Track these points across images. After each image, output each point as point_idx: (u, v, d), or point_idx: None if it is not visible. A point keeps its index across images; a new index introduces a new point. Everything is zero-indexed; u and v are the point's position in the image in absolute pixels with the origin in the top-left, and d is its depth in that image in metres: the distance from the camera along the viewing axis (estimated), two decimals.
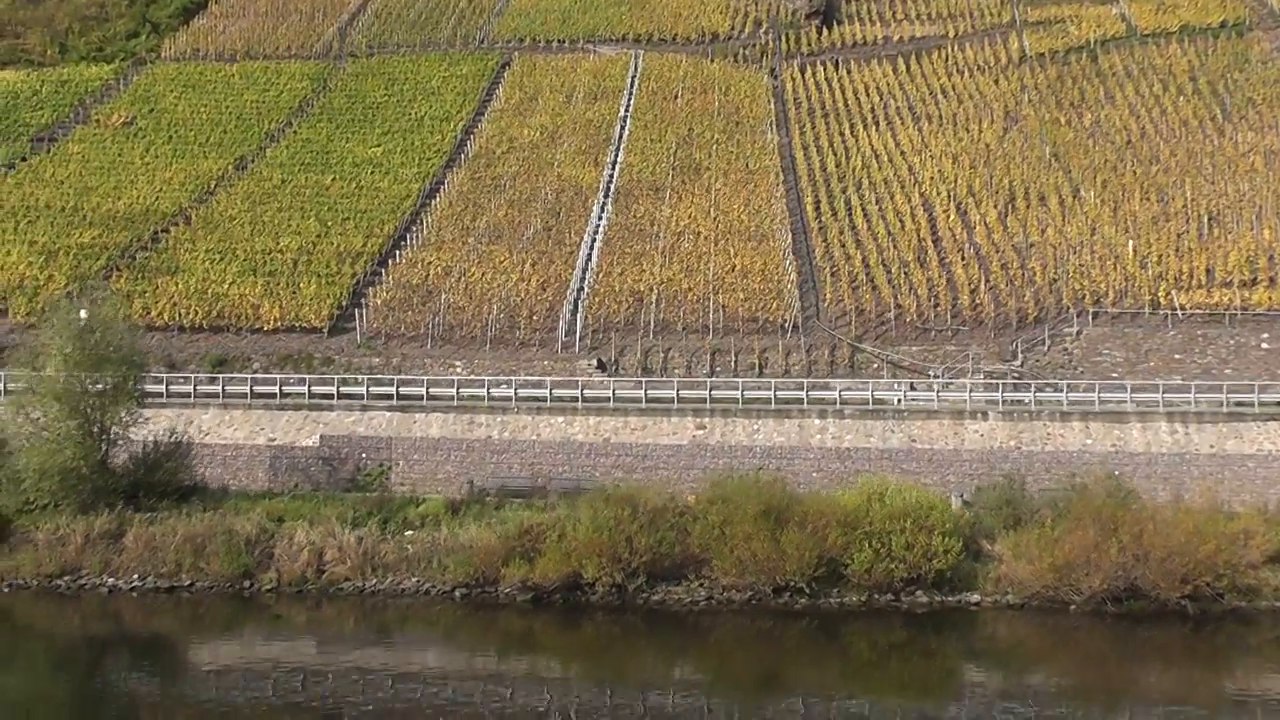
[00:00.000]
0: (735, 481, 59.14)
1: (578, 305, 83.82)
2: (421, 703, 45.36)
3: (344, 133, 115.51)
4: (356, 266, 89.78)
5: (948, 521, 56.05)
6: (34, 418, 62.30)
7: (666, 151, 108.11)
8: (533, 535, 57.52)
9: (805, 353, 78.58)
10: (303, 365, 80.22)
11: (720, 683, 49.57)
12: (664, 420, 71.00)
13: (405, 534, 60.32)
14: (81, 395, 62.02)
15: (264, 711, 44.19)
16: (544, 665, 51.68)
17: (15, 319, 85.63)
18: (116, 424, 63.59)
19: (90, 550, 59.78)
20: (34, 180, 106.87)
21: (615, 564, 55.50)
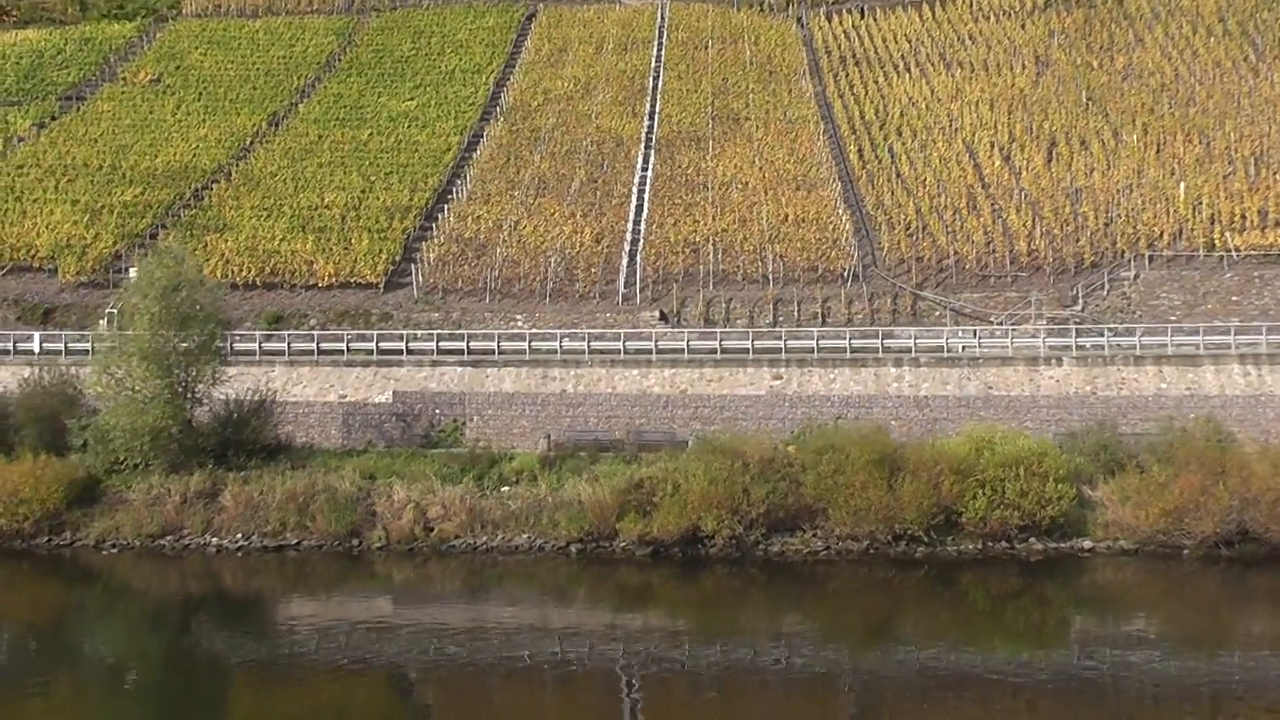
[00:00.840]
0: (841, 430, 59.29)
1: (635, 257, 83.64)
2: (538, 658, 45.11)
3: (375, 87, 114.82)
4: (406, 221, 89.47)
5: (1060, 467, 56.25)
6: (119, 377, 61.97)
7: (704, 102, 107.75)
8: (644, 489, 57.47)
9: (868, 301, 78.56)
10: (360, 321, 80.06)
11: (835, 633, 49.44)
12: (740, 371, 71.13)
13: (501, 490, 60.28)
14: (169, 354, 61.68)
15: (379, 669, 43.96)
16: (661, 619, 51.54)
17: (65, 278, 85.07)
18: (202, 382, 63.25)
19: (188, 510, 59.65)
20: (67, 139, 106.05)
21: (733, 516, 55.65)
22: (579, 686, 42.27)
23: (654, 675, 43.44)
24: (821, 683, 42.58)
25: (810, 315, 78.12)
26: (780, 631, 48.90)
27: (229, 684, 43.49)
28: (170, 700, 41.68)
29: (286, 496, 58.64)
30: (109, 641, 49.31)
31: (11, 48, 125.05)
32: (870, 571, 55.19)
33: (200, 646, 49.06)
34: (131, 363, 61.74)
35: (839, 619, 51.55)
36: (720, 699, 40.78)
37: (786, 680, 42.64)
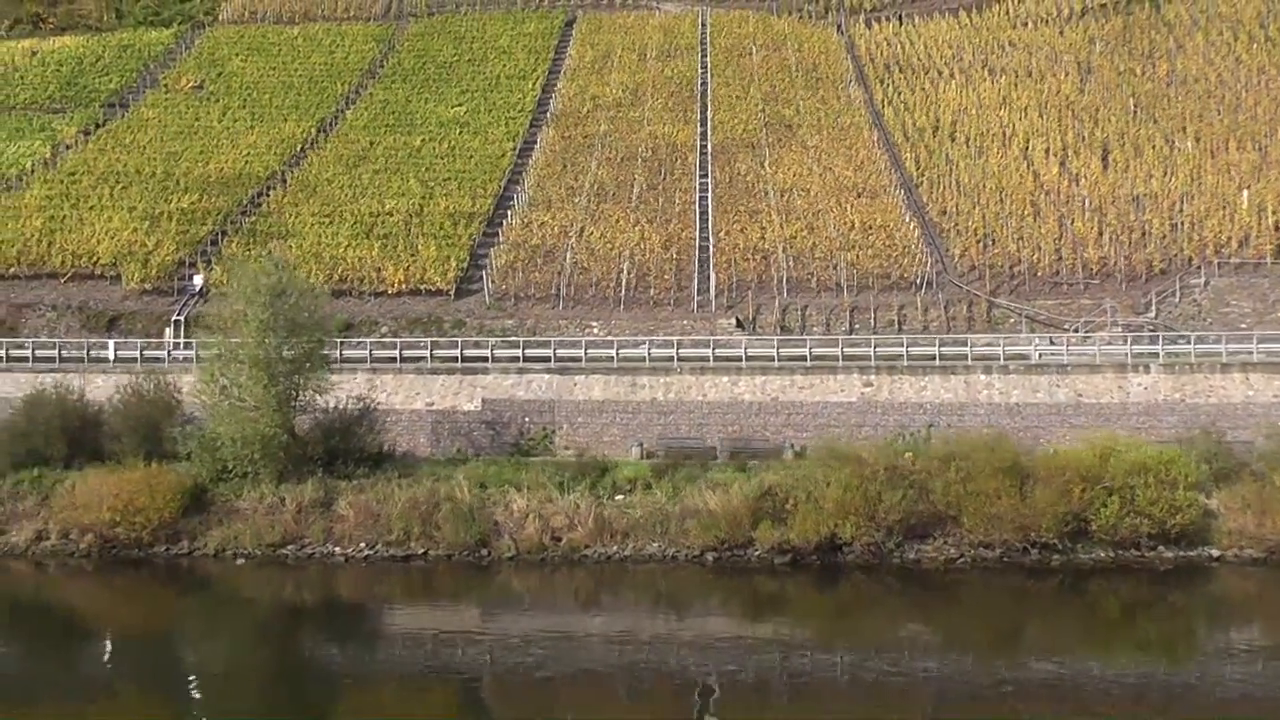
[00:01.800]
0: (965, 438, 59.60)
1: (706, 264, 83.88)
2: (674, 667, 45.50)
3: (421, 93, 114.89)
4: (471, 228, 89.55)
5: (1190, 475, 56.60)
6: (224, 385, 61.92)
7: (754, 108, 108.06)
8: (776, 496, 57.67)
9: (943, 309, 78.88)
10: (433, 328, 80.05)
11: (971, 641, 49.57)
12: (830, 378, 71.27)
13: (615, 498, 60.35)
14: (277, 362, 61.65)
15: (516, 678, 44.25)
16: (798, 628, 51.61)
17: (129, 286, 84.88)
18: (308, 390, 63.22)
19: (305, 519, 59.59)
20: (116, 146, 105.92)
21: (870, 523, 55.90)
22: (708, 697, 42.42)
23: (790, 685, 43.67)
24: (950, 692, 42.76)
25: (886, 323, 78.43)
26: (916, 640, 49.18)
27: (364, 694, 43.24)
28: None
29: (408, 505, 58.59)
30: (240, 649, 49.52)
31: (51, 55, 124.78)
32: (1005, 579, 55.38)
33: (333, 656, 49.09)
34: (240, 370, 61.54)
35: (974, 627, 51.65)
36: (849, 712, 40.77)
37: (915, 688, 43.01)
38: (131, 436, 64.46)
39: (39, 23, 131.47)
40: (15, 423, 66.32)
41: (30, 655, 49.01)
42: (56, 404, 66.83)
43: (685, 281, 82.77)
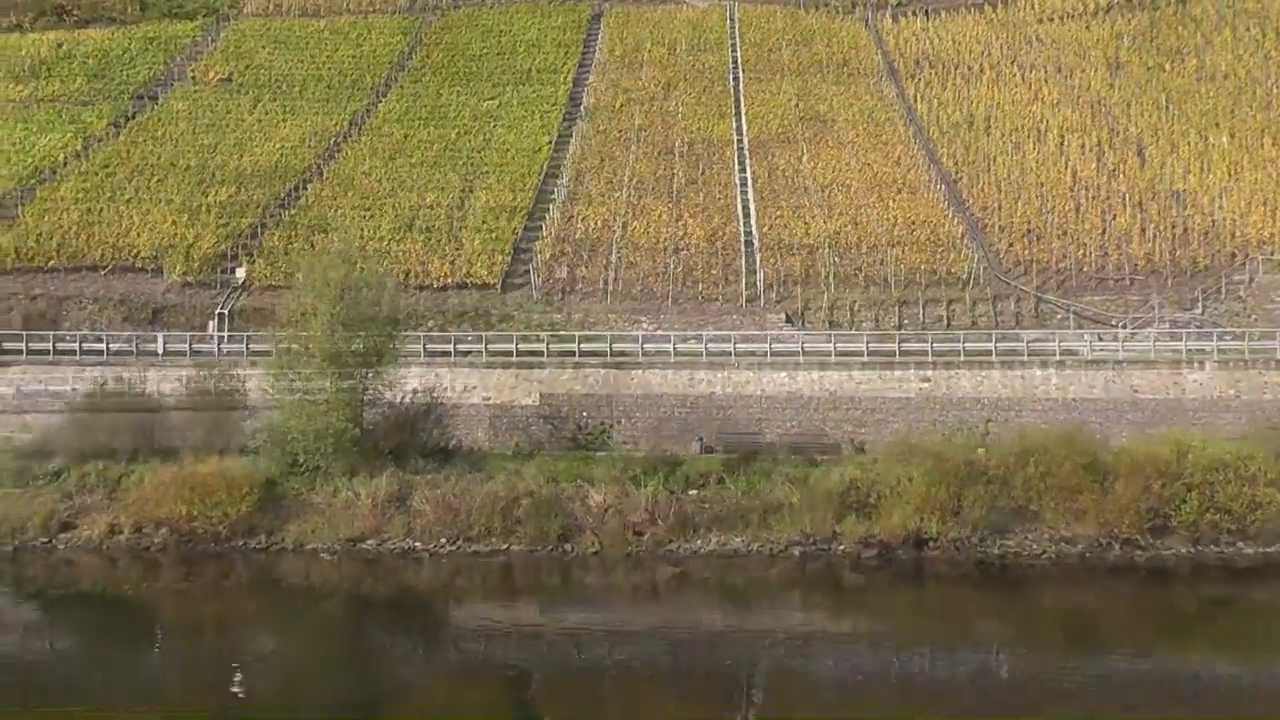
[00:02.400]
0: (1042, 432, 59.91)
1: (752, 259, 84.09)
2: (768, 662, 45.79)
3: (452, 86, 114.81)
4: (514, 221, 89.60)
5: (1270, 471, 56.93)
6: (292, 379, 61.94)
7: (788, 103, 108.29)
8: (859, 491, 57.92)
9: (991, 304, 79.20)
10: (480, 322, 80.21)
11: (1046, 637, 49.72)
12: (887, 373, 71.55)
13: (689, 493, 60.50)
14: (347, 355, 61.69)
15: (616, 673, 44.48)
16: (882, 624, 51.84)
17: (172, 278, 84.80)
18: (377, 384, 63.26)
19: (381, 513, 59.61)
20: (147, 138, 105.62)
21: (954, 518, 56.17)
22: (791, 694, 42.56)
23: (884, 681, 43.81)
24: (1037, 689, 42.84)
25: (934, 319, 78.74)
26: (1001, 636, 49.29)
27: (475, 690, 43.39)
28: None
29: (488, 500, 58.62)
30: (342, 642, 49.49)
31: (77, 47, 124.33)
32: (1089, 575, 55.54)
33: (448, 650, 49.13)
34: (310, 364, 61.56)
35: (1058, 623, 51.68)
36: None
37: (1001, 685, 43.39)
38: (197, 430, 64.33)
39: (63, 15, 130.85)
40: (79, 416, 66.17)
41: (138, 647, 48.77)
42: (119, 397, 66.70)
43: (732, 276, 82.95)
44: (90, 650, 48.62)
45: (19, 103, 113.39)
